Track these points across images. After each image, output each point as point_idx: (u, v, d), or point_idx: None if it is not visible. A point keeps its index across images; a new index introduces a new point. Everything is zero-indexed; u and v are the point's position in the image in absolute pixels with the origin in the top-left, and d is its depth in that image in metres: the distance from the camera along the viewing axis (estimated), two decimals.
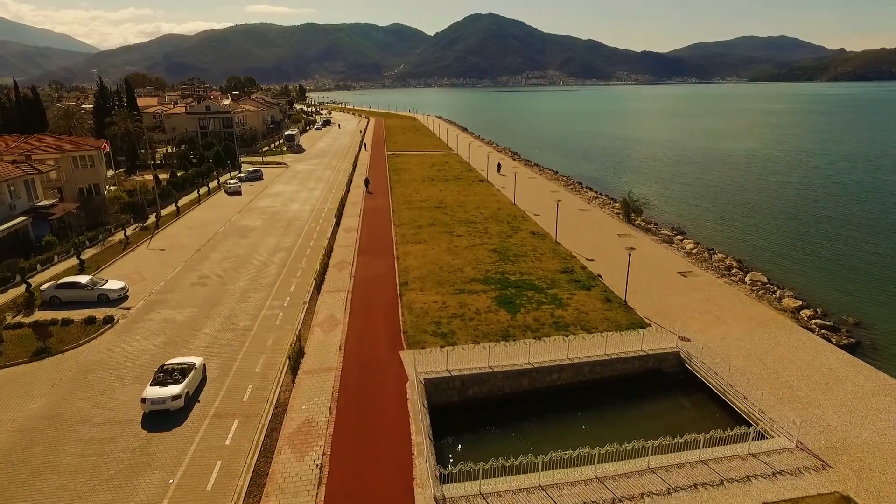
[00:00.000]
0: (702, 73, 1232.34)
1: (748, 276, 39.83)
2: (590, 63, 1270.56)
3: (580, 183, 78.24)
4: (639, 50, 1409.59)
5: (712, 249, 47.05)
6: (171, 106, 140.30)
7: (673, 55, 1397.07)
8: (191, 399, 23.54)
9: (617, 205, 62.40)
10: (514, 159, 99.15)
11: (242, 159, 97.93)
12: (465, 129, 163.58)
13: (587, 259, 41.42)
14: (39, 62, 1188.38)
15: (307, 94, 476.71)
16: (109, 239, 48.08)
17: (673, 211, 64.56)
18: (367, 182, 69.14)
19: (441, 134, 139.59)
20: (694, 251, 44.96)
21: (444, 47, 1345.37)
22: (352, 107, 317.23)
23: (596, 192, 70.38)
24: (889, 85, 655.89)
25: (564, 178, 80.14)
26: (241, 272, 39.61)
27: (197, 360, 25.23)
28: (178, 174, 70.66)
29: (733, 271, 40.57)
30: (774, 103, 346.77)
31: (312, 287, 35.82)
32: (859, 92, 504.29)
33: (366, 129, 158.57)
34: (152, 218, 55.02)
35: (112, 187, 66.46)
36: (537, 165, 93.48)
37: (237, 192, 68.40)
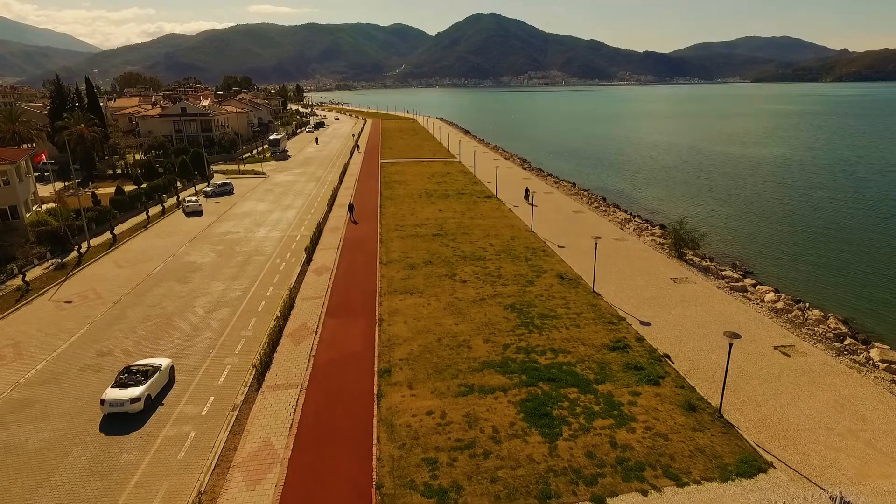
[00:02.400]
0: (704, 74, 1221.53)
1: (872, 350, 28.36)
2: (592, 63, 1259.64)
3: (604, 199, 66.79)
4: (641, 50, 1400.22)
5: (800, 301, 35.61)
6: (150, 107, 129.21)
7: (675, 55, 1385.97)
8: (153, 402, 22.99)
9: (657, 230, 51.06)
10: (525, 168, 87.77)
11: (218, 168, 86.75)
12: (468, 133, 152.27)
13: (641, 322, 30.05)
14: (41, 62, 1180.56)
15: (305, 94, 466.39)
16: (8, 283, 36.79)
17: (721, 237, 53.03)
18: (350, 208, 55.29)
19: (442, 138, 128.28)
20: (779, 305, 33.52)
21: (445, 47, 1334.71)
22: (349, 107, 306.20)
23: (627, 213, 58.88)
24: None
25: (585, 194, 68.64)
26: (158, 345, 28.22)
27: (164, 362, 24.56)
28: (126, 189, 59.34)
29: (847, 342, 29.09)
30: (787, 104, 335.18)
31: (252, 377, 24.50)
32: (872, 92, 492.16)
33: (360, 132, 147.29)
34: (85, 249, 43.73)
35: (50, 205, 55.21)
36: (551, 176, 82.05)
37: (197, 212, 57.08)
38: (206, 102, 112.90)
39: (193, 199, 58.85)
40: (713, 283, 36.64)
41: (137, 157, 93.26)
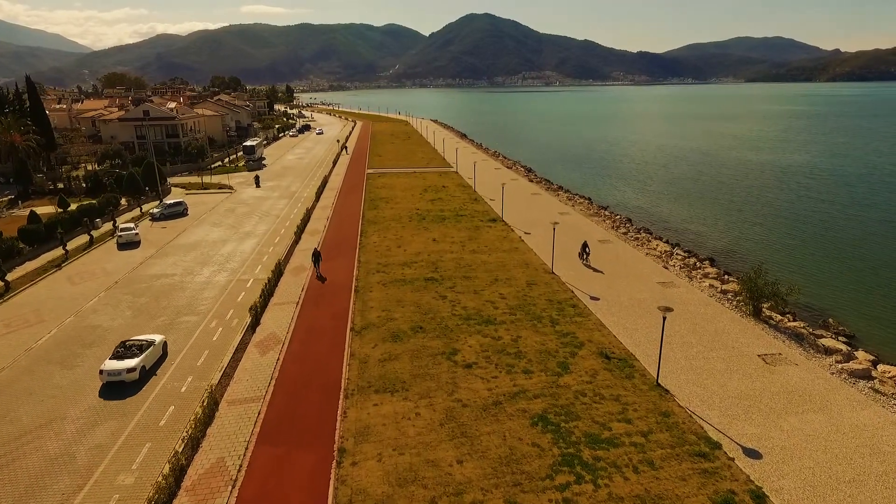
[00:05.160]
0: (698, 74, 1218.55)
1: None
2: (586, 63, 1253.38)
3: (629, 220, 56.22)
4: (635, 50, 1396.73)
5: None
6: (115, 109, 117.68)
7: (669, 56, 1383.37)
8: (147, 373, 24.34)
9: (709, 268, 40.48)
10: (532, 180, 76.98)
11: (179, 181, 75.48)
12: (465, 137, 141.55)
13: (745, 450, 19.35)
14: (30, 62, 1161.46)
15: (296, 95, 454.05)
16: None
17: (787, 279, 42.17)
18: (316, 258, 38.42)
19: (437, 143, 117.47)
20: None
21: (439, 47, 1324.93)
22: (340, 108, 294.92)
23: (664, 241, 48.24)
24: (894, 85, 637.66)
25: (607, 214, 57.89)
26: None
27: (157, 338, 25.88)
28: (48, 215, 48.08)
29: None
30: (789, 104, 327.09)
31: None
32: (871, 92, 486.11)
33: (347, 138, 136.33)
34: None
35: None
36: (563, 190, 71.39)
37: (132, 244, 46.00)
38: (172, 105, 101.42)
39: (130, 226, 47.56)
40: (818, 363, 26.01)
41: (90, 167, 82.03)
